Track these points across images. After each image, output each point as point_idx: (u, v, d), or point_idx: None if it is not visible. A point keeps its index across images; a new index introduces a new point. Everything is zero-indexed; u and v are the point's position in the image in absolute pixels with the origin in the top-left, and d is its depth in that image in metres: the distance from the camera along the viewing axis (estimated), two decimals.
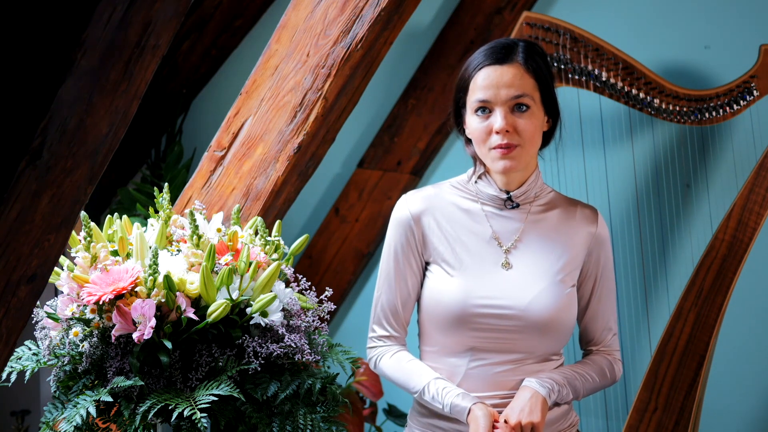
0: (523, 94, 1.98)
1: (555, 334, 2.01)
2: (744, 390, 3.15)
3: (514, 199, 2.05)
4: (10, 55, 1.34)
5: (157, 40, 1.43)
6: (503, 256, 2.03)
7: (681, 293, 2.91)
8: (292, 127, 2.28)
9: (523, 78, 1.98)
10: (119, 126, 1.47)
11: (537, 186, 2.07)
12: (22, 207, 1.39)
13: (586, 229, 2.08)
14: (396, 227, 2.09)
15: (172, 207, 2.05)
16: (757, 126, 2.97)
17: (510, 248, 2.04)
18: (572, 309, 2.04)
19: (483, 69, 2.00)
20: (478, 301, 1.99)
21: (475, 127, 2.01)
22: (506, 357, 2.00)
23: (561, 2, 3.37)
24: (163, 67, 3.79)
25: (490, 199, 2.06)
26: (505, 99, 1.97)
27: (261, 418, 1.83)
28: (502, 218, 2.06)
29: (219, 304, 1.81)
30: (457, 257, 2.03)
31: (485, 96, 1.98)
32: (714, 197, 3.10)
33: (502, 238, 2.05)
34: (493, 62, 1.99)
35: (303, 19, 2.32)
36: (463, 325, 1.99)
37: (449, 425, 2.03)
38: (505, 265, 2.03)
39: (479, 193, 2.07)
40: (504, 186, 2.05)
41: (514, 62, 1.99)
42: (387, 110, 3.65)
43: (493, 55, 2.00)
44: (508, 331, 1.99)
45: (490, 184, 2.06)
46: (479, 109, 1.99)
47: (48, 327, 1.88)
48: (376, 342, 2.10)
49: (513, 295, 1.99)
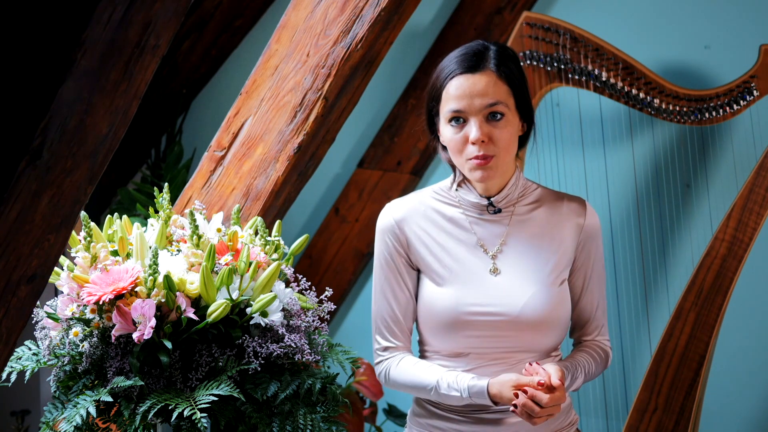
0: (496, 102, 1.94)
1: (552, 332, 2.01)
2: (744, 390, 3.15)
3: (495, 204, 2.03)
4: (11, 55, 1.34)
5: (157, 40, 1.43)
6: (491, 262, 2.02)
7: (681, 293, 2.91)
8: (292, 127, 2.28)
9: (496, 85, 1.95)
10: (119, 126, 1.47)
11: (519, 187, 2.05)
12: (22, 207, 1.39)
13: (574, 221, 2.05)
14: (381, 236, 2.07)
15: (172, 207, 2.05)
16: (757, 126, 2.97)
17: (496, 253, 2.02)
18: (566, 304, 2.04)
19: (455, 78, 1.96)
20: (470, 308, 1.97)
21: (449, 137, 1.98)
22: (504, 358, 2.00)
23: (561, 2, 3.37)
24: (163, 67, 3.79)
25: (472, 205, 2.04)
26: (479, 108, 1.94)
27: (261, 418, 1.83)
28: (486, 223, 2.04)
29: (219, 304, 1.81)
30: (444, 266, 2.01)
31: (458, 106, 1.95)
32: (714, 197, 3.10)
33: (487, 244, 2.03)
34: (464, 71, 1.96)
35: (303, 19, 2.32)
36: (458, 332, 1.99)
37: (448, 425, 2.03)
38: (493, 271, 2.01)
39: (461, 200, 2.05)
40: (484, 192, 2.03)
41: (486, 69, 1.95)
42: (387, 110, 3.65)
43: (464, 63, 1.96)
44: (503, 336, 1.98)
45: (471, 191, 2.04)
46: (453, 119, 1.97)
47: (48, 327, 1.88)
48: (381, 355, 2.08)
49: (504, 302, 1.98)
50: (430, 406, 2.07)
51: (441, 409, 2.05)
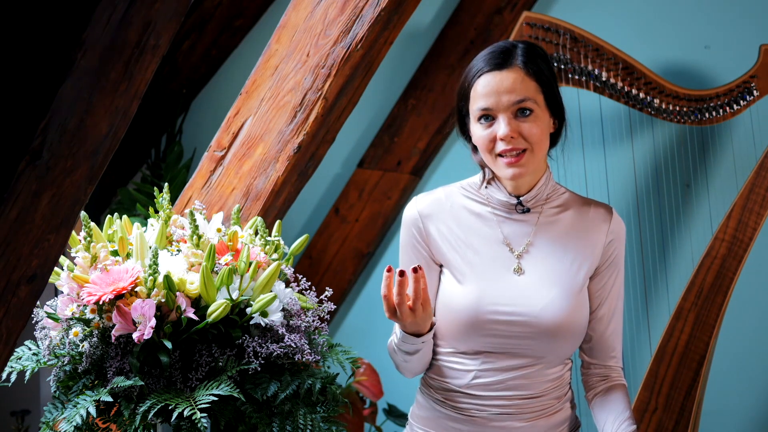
0: (525, 99, 1.94)
1: (567, 340, 1.99)
2: (744, 390, 3.15)
3: (524, 204, 2.02)
4: (11, 55, 1.34)
5: (157, 40, 1.43)
6: (515, 261, 2.01)
7: (681, 293, 2.91)
8: (292, 127, 2.28)
9: (524, 82, 1.95)
10: (119, 126, 1.47)
11: (548, 188, 2.04)
12: (22, 207, 1.39)
13: (600, 227, 2.03)
14: (405, 227, 2.07)
15: (172, 207, 2.05)
16: (757, 126, 2.97)
17: (522, 253, 2.01)
18: (585, 312, 2.01)
19: (482, 76, 1.96)
20: (490, 307, 1.96)
21: (479, 135, 1.97)
22: (517, 362, 1.98)
23: (561, 2, 3.37)
24: (163, 67, 3.79)
25: (500, 204, 2.03)
26: (507, 105, 1.94)
27: (261, 418, 1.83)
28: (513, 222, 2.03)
29: (219, 304, 1.81)
30: (467, 262, 2.00)
31: (486, 104, 1.95)
32: (714, 197, 3.11)
33: (513, 242, 2.02)
34: (492, 68, 1.95)
35: (303, 19, 2.32)
36: (475, 331, 1.97)
37: (450, 424, 2.03)
38: (517, 270, 2.00)
39: (489, 197, 2.04)
40: (513, 191, 2.02)
41: (514, 66, 1.95)
42: (387, 110, 3.65)
43: (491, 60, 1.96)
44: (520, 337, 1.97)
45: (500, 190, 2.03)
46: (482, 117, 1.96)
47: (48, 327, 1.88)
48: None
49: (525, 302, 1.96)
50: (430, 406, 2.07)
51: (443, 408, 2.04)
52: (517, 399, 1.99)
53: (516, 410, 1.99)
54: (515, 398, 1.99)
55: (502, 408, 1.99)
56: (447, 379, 2.03)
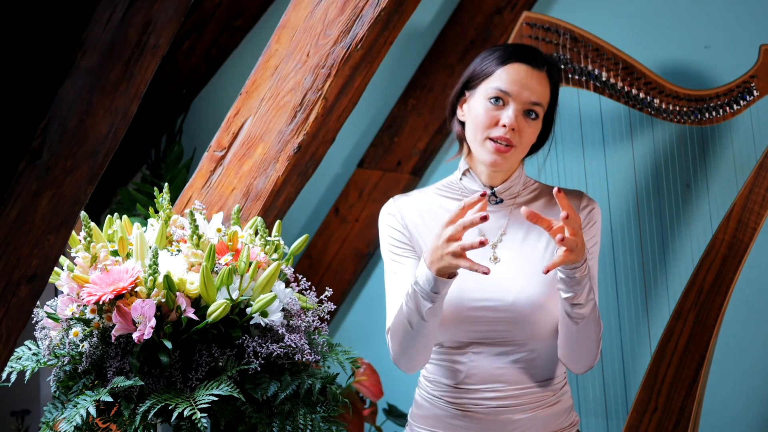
0: (539, 103, 2.03)
1: (545, 323, 2.02)
2: (744, 390, 3.15)
3: (497, 195, 2.08)
4: (11, 55, 1.34)
5: (157, 40, 1.43)
6: (491, 251, 2.05)
7: (681, 293, 2.91)
8: (292, 127, 2.28)
9: (545, 88, 2.04)
10: (119, 126, 1.47)
11: (521, 182, 2.11)
12: (22, 207, 1.39)
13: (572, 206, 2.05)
14: (384, 224, 2.10)
15: (172, 207, 2.05)
16: (757, 126, 2.97)
17: (496, 243, 2.07)
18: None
19: (516, 64, 2.02)
20: (471, 295, 2.00)
21: (481, 112, 2.02)
22: (503, 349, 2.02)
23: (561, 2, 3.37)
24: (163, 67, 3.79)
25: (474, 194, 2.06)
26: (524, 100, 2.01)
27: (261, 418, 1.83)
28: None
29: (219, 304, 1.81)
30: None
31: (508, 88, 2.01)
32: (714, 197, 3.11)
33: (488, 233, 2.07)
34: (528, 62, 2.03)
35: (303, 19, 2.32)
36: (460, 322, 2.00)
37: (449, 421, 2.04)
38: (493, 260, 2.05)
39: (463, 190, 2.10)
40: (488, 181, 2.09)
41: (544, 70, 2.04)
42: (387, 110, 3.65)
43: (528, 55, 2.04)
44: (500, 323, 2.00)
45: (475, 180, 2.10)
46: (495, 98, 2.02)
47: (48, 327, 1.88)
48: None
49: (501, 289, 2.00)
50: (428, 405, 2.07)
51: (440, 406, 2.05)
52: (511, 391, 2.02)
53: (511, 402, 2.02)
54: (508, 390, 2.02)
55: (497, 401, 2.01)
56: (440, 376, 2.06)
